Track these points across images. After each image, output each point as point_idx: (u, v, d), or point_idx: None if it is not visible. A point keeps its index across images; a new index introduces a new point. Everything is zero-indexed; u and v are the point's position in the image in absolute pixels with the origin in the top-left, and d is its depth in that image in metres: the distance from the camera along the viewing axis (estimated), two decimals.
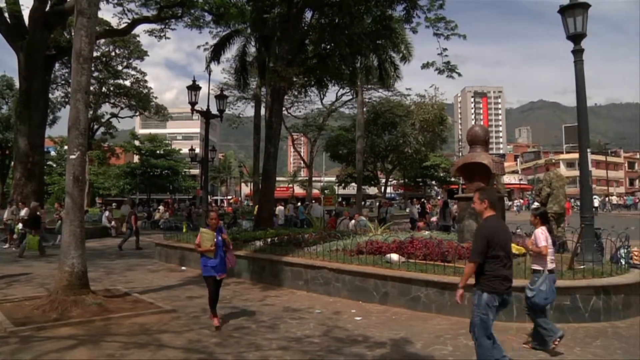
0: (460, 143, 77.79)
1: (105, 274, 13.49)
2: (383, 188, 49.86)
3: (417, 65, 18.17)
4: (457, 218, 12.20)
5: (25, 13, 23.07)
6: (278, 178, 46.28)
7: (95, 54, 27.19)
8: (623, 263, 10.20)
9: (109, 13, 52.72)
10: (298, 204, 33.41)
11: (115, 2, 23.88)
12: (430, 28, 16.90)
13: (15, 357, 6.50)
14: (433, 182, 60.63)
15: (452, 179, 50.40)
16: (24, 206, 19.32)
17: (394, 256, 10.49)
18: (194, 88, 18.87)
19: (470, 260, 5.60)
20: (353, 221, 19.91)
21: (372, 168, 47.75)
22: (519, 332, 7.65)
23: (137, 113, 49.99)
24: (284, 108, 37.26)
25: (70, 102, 9.94)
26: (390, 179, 52.16)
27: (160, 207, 39.90)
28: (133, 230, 20.32)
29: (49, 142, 49.17)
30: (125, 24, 25.60)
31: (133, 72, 43.87)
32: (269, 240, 13.79)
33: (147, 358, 6.57)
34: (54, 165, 60.17)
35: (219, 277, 8.32)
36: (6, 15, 22.73)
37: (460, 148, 76.61)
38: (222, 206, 58.91)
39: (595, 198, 60.39)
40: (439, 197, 44.94)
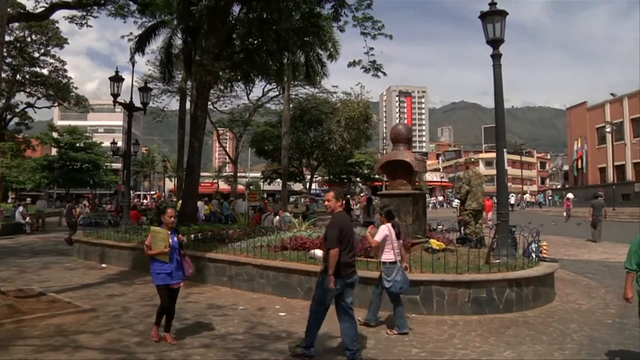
0: (384, 141, 79.18)
1: (17, 273, 12.85)
2: (308, 184, 50.14)
3: (344, 63, 18.33)
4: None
5: None
6: (203, 173, 45.70)
7: (7, 38, 25.77)
8: (534, 257, 10.76)
9: None
10: (222, 200, 33.08)
11: None
12: (357, 27, 17.10)
13: None
14: (357, 179, 61.48)
15: (376, 176, 51.25)
16: None
17: (318, 252, 10.55)
18: (117, 79, 18.33)
19: (331, 248, 6.25)
20: (277, 217, 19.94)
21: (298, 164, 47.91)
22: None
23: (56, 104, 47.63)
24: (210, 102, 36.78)
25: None
26: (315, 176, 52.51)
27: (85, 202, 38.38)
28: (76, 223, 19.77)
29: None
30: (42, 8, 24.32)
31: (51, 60, 41.63)
32: (193, 236, 13.60)
33: None
34: None
35: (177, 286, 7.17)
36: None
37: (384, 146, 78.00)
38: (144, 202, 57.47)
39: (512, 196, 63.23)
40: (362, 194, 45.60)
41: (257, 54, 19.83)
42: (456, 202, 22.90)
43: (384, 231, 7.78)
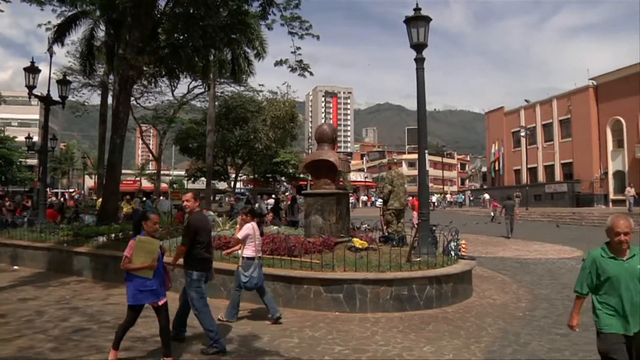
0: (310, 140, 79.59)
1: None
2: (233, 183, 49.66)
3: (271, 62, 18.33)
4: (305, 213, 12.49)
5: None
6: (125, 171, 44.39)
7: None
8: (453, 255, 11.16)
9: None
10: (144, 199, 32.29)
11: None
12: (285, 26, 17.14)
13: None
14: (283, 178, 61.46)
15: (301, 176, 51.43)
16: None
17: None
18: (33, 70, 17.46)
19: (182, 244, 6.91)
20: None
21: (223, 163, 47.34)
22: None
23: None
24: (133, 98, 35.70)
25: None
26: (240, 174, 52.05)
27: (6, 200, 36.20)
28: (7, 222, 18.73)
29: None
30: None
31: None
32: (113, 235, 13.25)
33: None
34: None
35: (161, 303, 6.16)
36: None
37: (309, 145, 78.44)
38: (63, 199, 55.16)
39: (434, 195, 65.13)
40: (287, 193, 45.65)
41: (183, 50, 19.42)
42: (379, 202, 23.38)
43: (248, 229, 8.24)
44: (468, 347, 7.01)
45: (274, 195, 40.28)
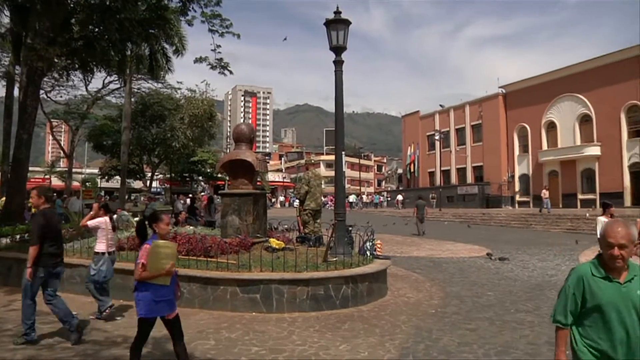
0: (228, 140, 78.70)
1: None
2: (149, 182, 48.40)
3: (190, 59, 18.09)
4: (221, 214, 12.35)
5: None
6: (32, 168, 42.20)
7: None
8: (369, 254, 11.36)
9: None
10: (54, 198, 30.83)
11: None
12: (205, 23, 16.91)
13: None
14: (200, 178, 60.54)
15: (219, 175, 50.85)
16: None
17: None
18: None
19: (34, 244, 6.78)
20: (115, 216, 19.02)
21: (138, 161, 45.99)
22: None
23: None
24: (43, 91, 34.10)
25: None
26: (156, 173, 50.82)
27: None
28: None
29: None
30: None
31: None
32: (18, 236, 12.57)
33: None
34: None
35: (173, 316, 5.38)
36: None
37: (228, 145, 77.62)
38: None
39: (352, 196, 66.14)
40: (203, 193, 45.01)
41: (98, 43, 18.67)
42: (297, 203, 23.50)
43: (99, 222, 8.64)
44: (383, 345, 7.16)
45: (191, 195, 39.62)
